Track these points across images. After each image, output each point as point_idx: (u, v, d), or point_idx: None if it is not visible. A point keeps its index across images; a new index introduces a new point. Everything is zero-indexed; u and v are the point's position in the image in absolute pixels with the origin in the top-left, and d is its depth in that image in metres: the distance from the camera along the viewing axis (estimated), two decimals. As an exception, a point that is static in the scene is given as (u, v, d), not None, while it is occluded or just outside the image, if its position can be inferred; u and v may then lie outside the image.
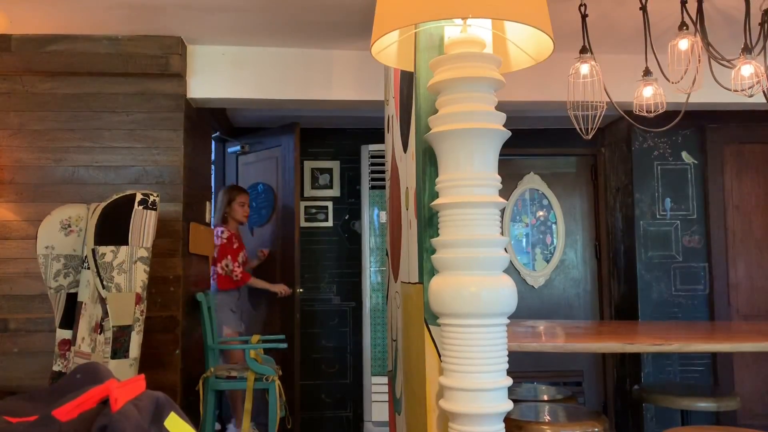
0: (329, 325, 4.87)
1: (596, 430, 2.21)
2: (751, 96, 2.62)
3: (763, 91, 2.59)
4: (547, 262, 5.08)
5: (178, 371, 3.32)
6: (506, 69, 1.79)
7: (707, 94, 2.92)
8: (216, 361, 3.62)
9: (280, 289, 4.33)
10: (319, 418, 4.80)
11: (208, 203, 4.04)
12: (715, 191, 4.47)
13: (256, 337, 3.73)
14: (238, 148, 4.93)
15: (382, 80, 3.40)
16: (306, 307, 4.86)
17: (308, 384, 4.80)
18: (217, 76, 3.58)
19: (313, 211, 4.95)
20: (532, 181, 5.13)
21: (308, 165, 4.97)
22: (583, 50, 2.69)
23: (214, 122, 4.32)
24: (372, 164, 4.58)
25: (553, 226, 5.12)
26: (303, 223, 4.93)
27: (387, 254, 2.82)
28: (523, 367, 4.67)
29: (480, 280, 1.53)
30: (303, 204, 4.93)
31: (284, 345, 3.62)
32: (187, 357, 3.46)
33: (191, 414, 3.47)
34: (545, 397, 2.87)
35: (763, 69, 2.51)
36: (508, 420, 2.19)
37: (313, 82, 3.65)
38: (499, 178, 1.62)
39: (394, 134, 2.51)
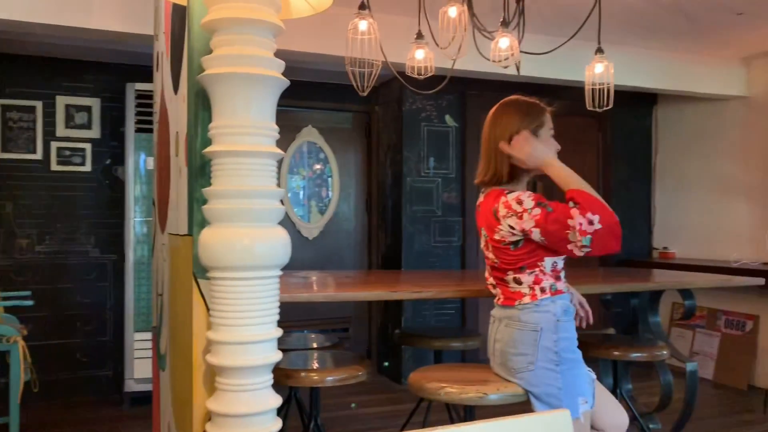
0: (86, 279, 4.45)
1: (360, 373, 2.34)
2: (505, 67, 2.90)
3: (515, 64, 2.88)
4: (322, 214, 5.19)
5: None
6: (286, 15, 1.73)
7: (470, 62, 3.14)
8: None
9: None
10: (74, 378, 4.41)
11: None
12: (471, 153, 4.93)
13: (-7, 295, 3.27)
14: None
15: (151, 12, 3.10)
16: (58, 260, 4.37)
17: (61, 344, 4.36)
18: (-61, -17, 2.96)
19: (68, 153, 4.41)
20: (309, 134, 5.17)
21: (62, 100, 4.40)
22: (362, 6, 2.72)
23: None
24: (139, 105, 4.21)
25: (329, 179, 5.24)
26: (55, 167, 4.37)
27: (153, 204, 2.63)
28: (295, 317, 4.77)
29: (253, 233, 1.49)
30: (55, 145, 4.37)
31: (29, 302, 3.22)
32: None
33: None
34: (314, 345, 2.96)
35: (517, 43, 2.78)
36: (277, 370, 2.22)
37: (70, 6, 3.20)
38: (276, 128, 1.57)
39: (163, 73, 2.31)
